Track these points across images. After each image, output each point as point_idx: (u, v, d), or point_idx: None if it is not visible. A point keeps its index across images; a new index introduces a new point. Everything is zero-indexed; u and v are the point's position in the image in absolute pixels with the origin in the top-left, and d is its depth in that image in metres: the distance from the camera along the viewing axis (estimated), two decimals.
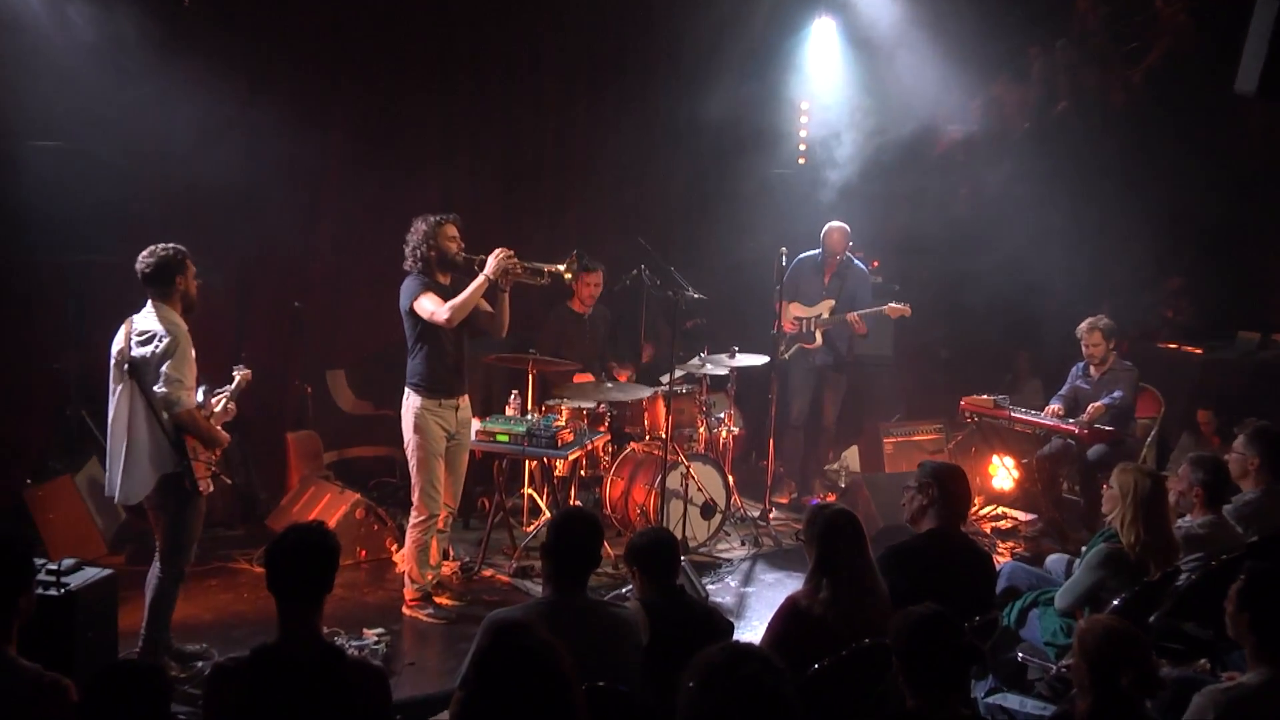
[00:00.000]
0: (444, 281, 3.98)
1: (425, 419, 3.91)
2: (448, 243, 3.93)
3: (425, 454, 3.92)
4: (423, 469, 3.93)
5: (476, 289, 3.84)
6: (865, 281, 5.82)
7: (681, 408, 5.11)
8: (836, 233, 5.64)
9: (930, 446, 5.79)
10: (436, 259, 3.92)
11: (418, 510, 3.99)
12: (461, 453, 4.11)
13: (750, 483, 5.96)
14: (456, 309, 3.81)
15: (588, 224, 6.52)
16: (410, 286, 3.90)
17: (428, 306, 3.82)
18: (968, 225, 6.48)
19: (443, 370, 3.94)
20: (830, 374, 5.82)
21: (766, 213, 6.48)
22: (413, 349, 3.95)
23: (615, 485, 4.99)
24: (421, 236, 3.91)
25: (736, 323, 6.55)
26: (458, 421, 4.03)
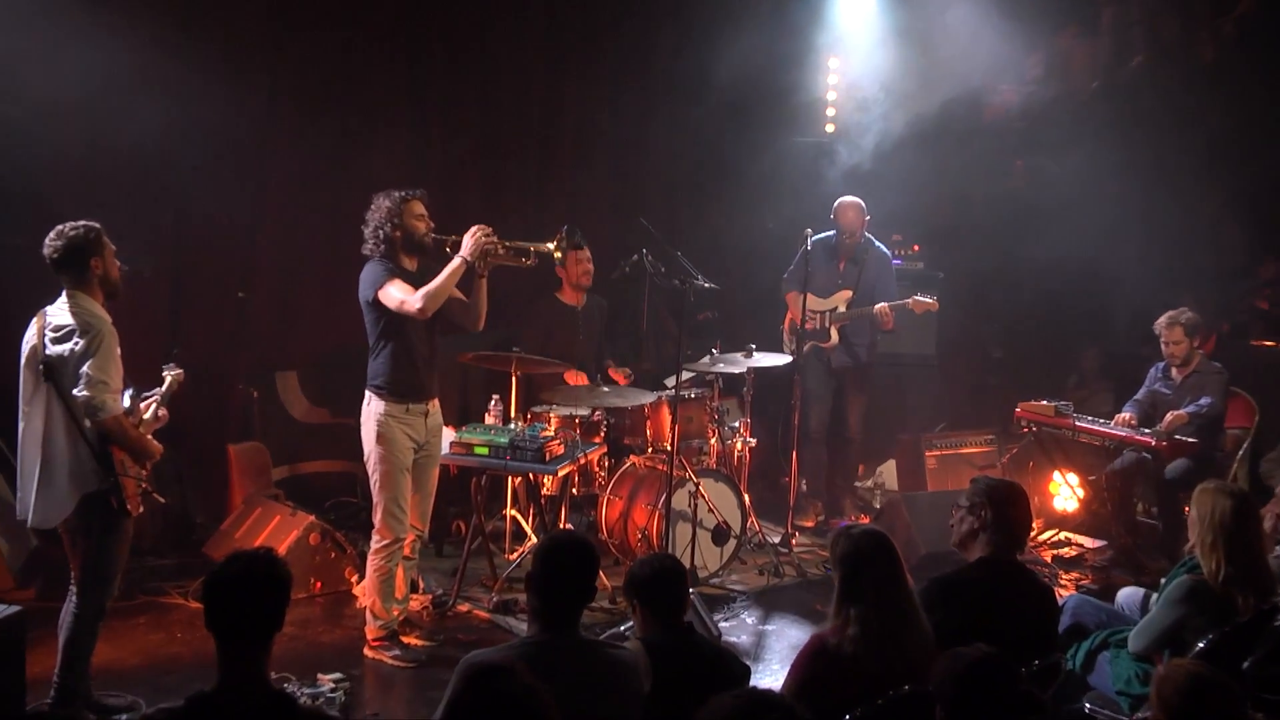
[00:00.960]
0: (410, 267, 3.96)
1: (389, 427, 3.90)
2: (414, 221, 3.92)
3: (389, 468, 3.91)
4: (386, 485, 3.92)
5: (453, 273, 3.83)
6: (887, 267, 5.79)
7: (690, 415, 5.11)
8: (850, 209, 5.60)
9: (981, 461, 5.80)
10: (401, 240, 3.91)
11: (380, 534, 3.98)
12: (431, 466, 4.10)
13: (770, 503, 5.96)
14: (431, 296, 3.79)
15: (579, 201, 6.54)
16: (372, 273, 3.88)
17: (396, 295, 3.80)
18: (1024, 203, 6.49)
19: (410, 370, 3.92)
20: (851, 378, 5.80)
21: (788, 188, 6.50)
22: (375, 346, 3.94)
23: (612, 505, 4.99)
24: (384, 215, 3.89)
25: (753, 316, 6.56)
26: (427, 429, 4.02)
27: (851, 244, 5.63)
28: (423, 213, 3.95)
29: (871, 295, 5.58)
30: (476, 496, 4.63)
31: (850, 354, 5.73)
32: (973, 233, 6.57)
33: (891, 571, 2.70)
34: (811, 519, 5.87)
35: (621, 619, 4.25)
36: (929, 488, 5.68)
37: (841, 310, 5.66)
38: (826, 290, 5.71)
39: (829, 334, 5.68)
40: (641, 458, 5.11)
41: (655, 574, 2.78)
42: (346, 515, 5.39)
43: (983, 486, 3.13)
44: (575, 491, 4.99)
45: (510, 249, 3.96)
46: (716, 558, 4.96)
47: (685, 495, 4.78)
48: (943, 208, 6.56)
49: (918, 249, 6.62)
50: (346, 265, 4.10)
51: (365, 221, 3.93)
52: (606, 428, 5.10)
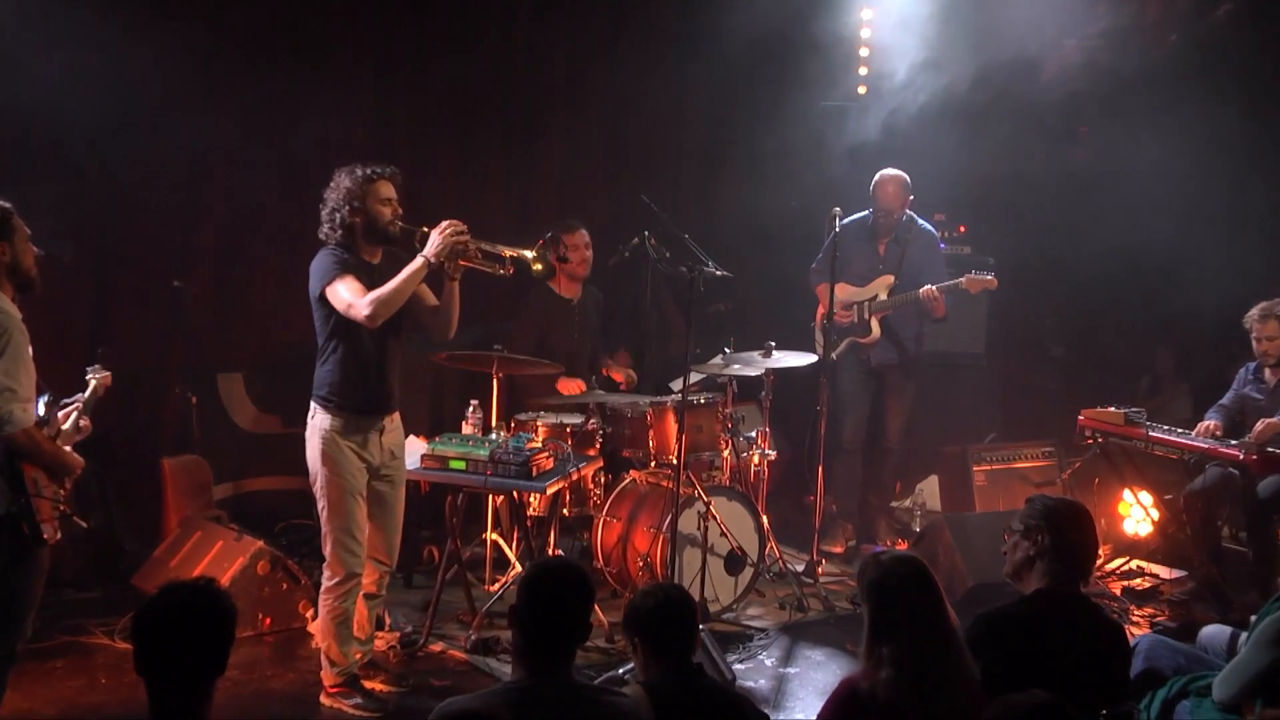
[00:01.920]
0: (371, 259, 3.94)
1: (336, 445, 3.87)
2: (379, 206, 3.89)
3: (337, 493, 3.88)
4: (334, 513, 3.90)
5: (412, 276, 3.81)
6: (934, 247, 5.81)
7: (699, 424, 5.10)
8: (891, 184, 5.62)
9: (1038, 477, 5.80)
10: (363, 227, 3.88)
11: (331, 570, 3.96)
12: (395, 492, 4.10)
13: (792, 526, 5.95)
14: (382, 303, 3.76)
15: (571, 174, 6.55)
16: (322, 264, 3.85)
17: (344, 295, 3.77)
18: (1088, 179, 6.49)
19: (362, 379, 3.90)
20: (893, 377, 5.82)
21: (813, 161, 6.50)
22: (324, 349, 3.92)
23: (610, 528, 4.99)
24: (343, 195, 3.85)
25: (773, 309, 6.58)
26: (383, 449, 4.01)
27: (891, 223, 5.65)
28: (390, 196, 3.91)
29: (917, 280, 5.59)
30: (451, 518, 4.63)
31: (894, 348, 5.74)
32: (1029, 212, 6.57)
33: (929, 604, 2.70)
34: (841, 544, 5.88)
35: (620, 660, 4.25)
36: (977, 508, 5.68)
37: (883, 298, 5.66)
38: (864, 277, 5.72)
39: (869, 327, 5.69)
40: (643, 473, 5.11)
41: (659, 607, 2.78)
42: (301, 540, 5.39)
43: (1040, 507, 3.13)
44: (566, 512, 4.99)
45: (483, 252, 3.95)
46: (730, 589, 4.95)
47: (694, 516, 4.78)
48: (994, 183, 6.56)
49: (964, 230, 6.64)
50: (302, 249, 4.09)
51: (322, 200, 3.91)
52: (602, 438, 5.11)
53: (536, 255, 4.00)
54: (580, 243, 5.43)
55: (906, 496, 6.38)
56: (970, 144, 6.33)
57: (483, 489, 4.47)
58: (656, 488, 5.00)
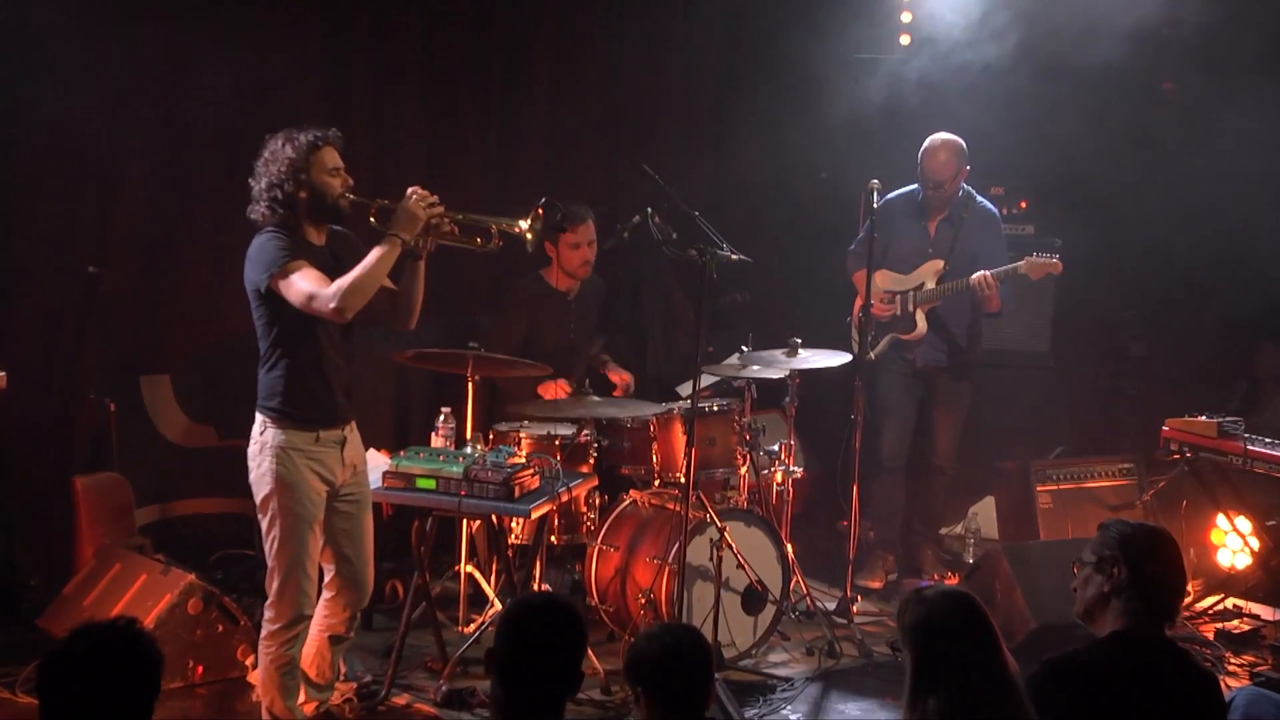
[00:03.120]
0: (317, 241, 3.95)
1: (292, 465, 3.86)
2: (326, 178, 3.88)
3: (291, 522, 3.87)
4: (286, 546, 3.88)
5: (384, 258, 3.80)
6: (995, 228, 5.81)
7: (712, 435, 5.11)
8: (944, 151, 5.63)
9: (1114, 499, 5.80)
10: (307, 204, 3.87)
11: (276, 611, 3.94)
12: (363, 515, 4.09)
13: (822, 556, 5.95)
14: (352, 292, 3.74)
15: (560, 138, 6.54)
16: (264, 251, 3.82)
17: (302, 287, 3.76)
18: (1174, 146, 6.46)
19: (320, 385, 3.89)
20: (943, 381, 5.83)
21: (846, 125, 6.47)
22: (269, 352, 3.91)
23: (606, 559, 4.99)
24: (284, 167, 3.83)
25: (800, 300, 6.58)
26: (344, 464, 4.01)
27: (943, 198, 5.65)
28: (338, 165, 3.91)
29: (972, 266, 5.58)
30: (418, 547, 4.63)
31: (944, 347, 5.75)
32: (1103, 186, 6.55)
33: (983, 649, 2.70)
34: (879, 578, 5.89)
35: (618, 716, 4.24)
36: (1041, 535, 5.68)
37: (930, 287, 5.67)
38: (910, 262, 5.72)
39: (914, 321, 5.69)
40: (645, 494, 5.11)
41: (667, 653, 2.78)
42: (240, 574, 5.39)
43: (1115, 535, 3.13)
44: (555, 540, 4.99)
45: (462, 224, 3.94)
46: (748, 631, 4.96)
47: (705, 545, 4.77)
48: (1062, 151, 6.53)
49: (1025, 206, 6.64)
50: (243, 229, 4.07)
51: (254, 174, 3.90)
52: (598, 452, 5.10)
53: (531, 223, 3.97)
54: (584, 239, 5.44)
55: (957, 522, 6.38)
56: (1034, 104, 6.32)
57: (456, 513, 4.46)
58: (661, 511, 4.99)
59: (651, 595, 4.76)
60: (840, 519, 5.94)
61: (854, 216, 5.83)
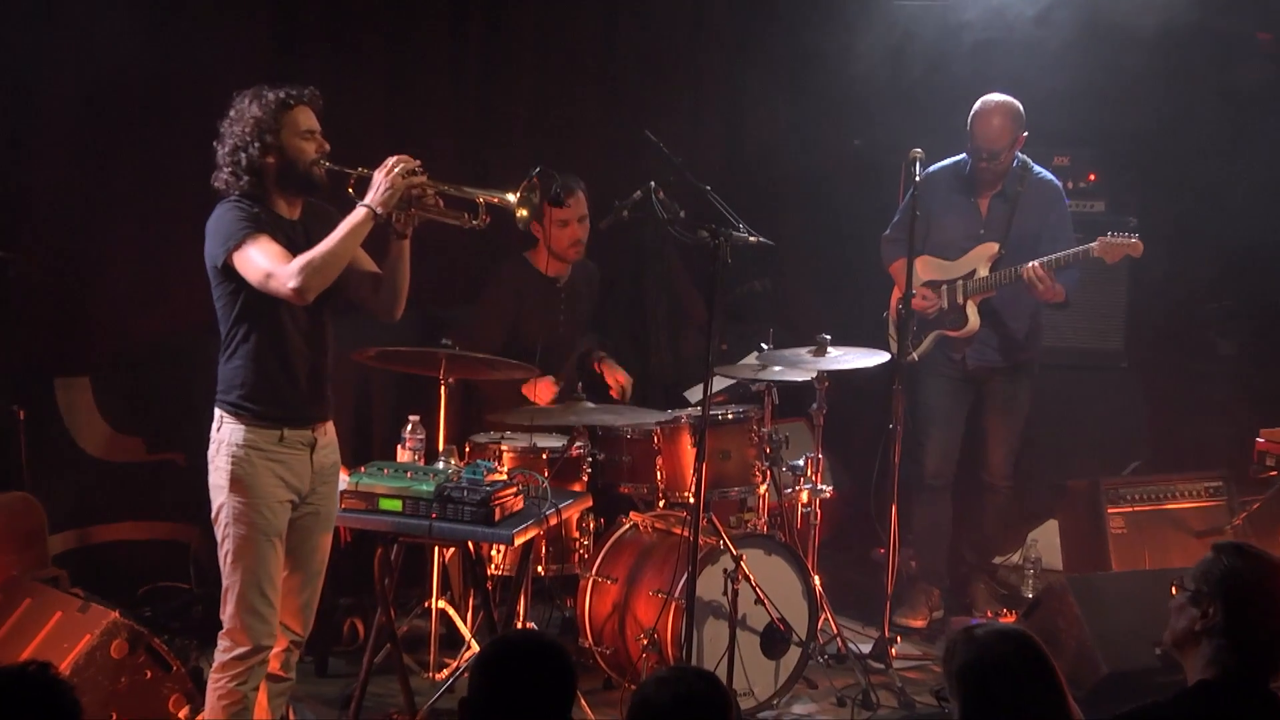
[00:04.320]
0: (289, 214, 3.99)
1: (251, 467, 3.90)
2: (298, 142, 3.92)
3: (248, 532, 3.90)
4: (243, 558, 3.90)
5: (351, 233, 3.84)
6: (1059, 204, 5.81)
7: (726, 448, 5.12)
8: (997, 114, 5.62)
9: (1200, 522, 5.78)
10: (278, 170, 3.91)
11: (232, 638, 3.96)
12: (321, 531, 4.12)
13: (856, 590, 5.93)
14: (314, 270, 3.77)
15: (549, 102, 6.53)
16: (224, 222, 3.86)
17: (259, 262, 3.79)
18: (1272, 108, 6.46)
19: (284, 376, 3.92)
20: (998, 385, 5.82)
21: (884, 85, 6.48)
22: (230, 338, 3.95)
23: (602, 593, 5.00)
24: (250, 129, 3.88)
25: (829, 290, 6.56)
26: (314, 470, 4.04)
27: (997, 170, 5.66)
28: (313, 127, 3.96)
29: (1034, 248, 5.58)
30: (382, 580, 4.62)
31: (999, 345, 5.74)
32: (1186, 155, 6.55)
33: (1044, 697, 2.70)
34: (923, 615, 5.89)
35: None
36: (1114, 566, 5.67)
37: (983, 275, 5.67)
38: (959, 246, 5.73)
39: (963, 315, 5.70)
40: (648, 516, 5.11)
41: (678, 703, 2.76)
42: (173, 610, 5.38)
43: (1220, 568, 3.03)
44: (542, 570, 5.00)
45: (448, 196, 3.97)
46: (769, 677, 4.97)
47: (718, 576, 4.78)
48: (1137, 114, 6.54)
49: (1094, 179, 6.63)
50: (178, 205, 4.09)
51: (219, 136, 3.94)
52: (592, 468, 5.10)
53: (522, 198, 3.98)
54: (574, 215, 5.45)
55: (1014, 550, 6.37)
56: (1104, 59, 6.31)
57: (426, 539, 4.46)
58: (666, 537, 4.99)
59: (655, 635, 4.74)
60: (876, 546, 5.94)
61: (892, 192, 5.82)
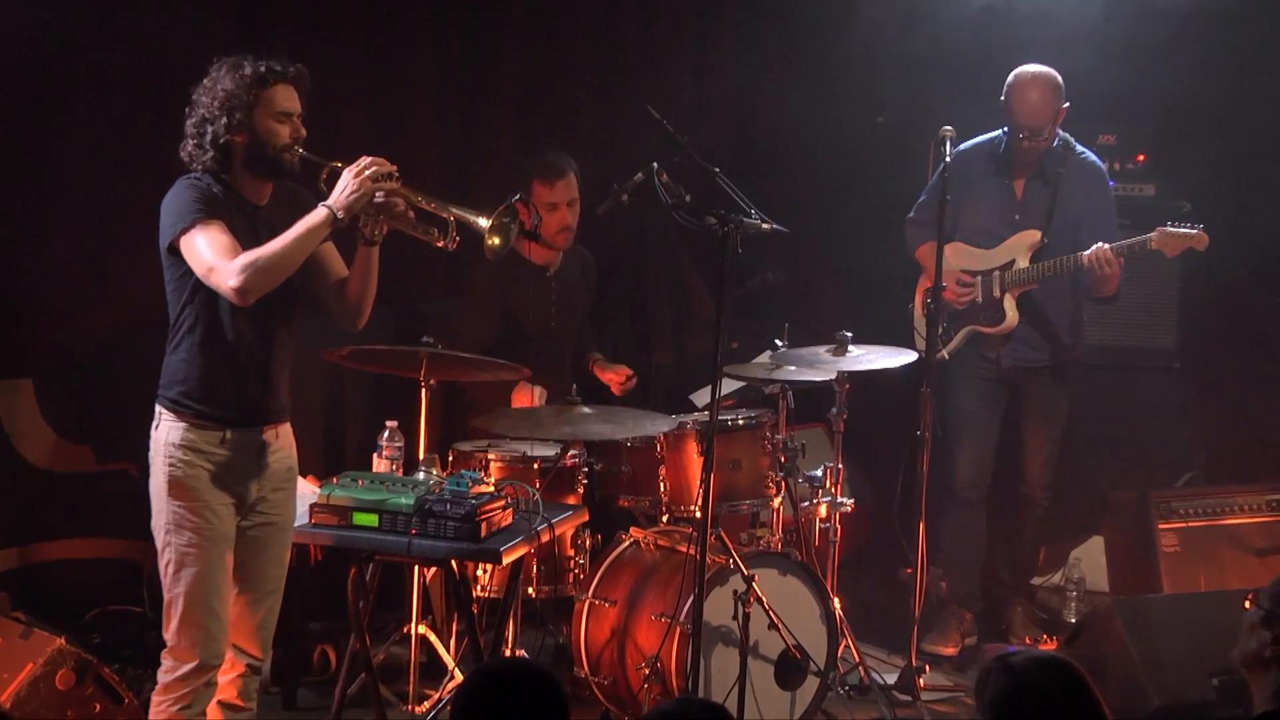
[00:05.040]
0: (256, 198, 4.02)
1: (190, 469, 3.91)
2: (273, 123, 3.94)
3: (191, 538, 3.92)
4: (185, 570, 3.91)
5: (306, 235, 3.85)
6: (1101, 186, 5.83)
7: (736, 458, 5.12)
8: (1035, 88, 5.63)
9: (1262, 539, 5.79)
10: (246, 150, 3.94)
11: (174, 657, 3.98)
12: (276, 544, 4.14)
13: (880, 614, 5.97)
14: (259, 270, 3.79)
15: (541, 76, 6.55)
16: (177, 201, 3.87)
17: (203, 253, 3.81)
18: None
19: (231, 370, 3.96)
20: (1036, 388, 5.84)
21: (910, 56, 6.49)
22: (177, 326, 3.98)
23: (600, 617, 5.02)
24: (221, 101, 3.89)
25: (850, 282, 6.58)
26: (264, 476, 4.06)
27: (1036, 149, 5.67)
28: (291, 109, 3.98)
29: (1075, 237, 5.60)
30: (356, 603, 4.60)
31: (1038, 343, 5.76)
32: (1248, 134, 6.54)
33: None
34: (954, 642, 5.89)
35: None
36: (1165, 587, 5.67)
37: (1023, 266, 5.68)
38: (993, 233, 5.74)
39: (1000, 310, 5.71)
40: (650, 533, 5.12)
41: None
42: (124, 636, 5.39)
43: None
44: (533, 592, 5.01)
45: (420, 207, 4.01)
46: (784, 710, 4.96)
47: (728, 599, 4.77)
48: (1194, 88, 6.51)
49: (1144, 160, 6.63)
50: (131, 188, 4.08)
51: (190, 105, 3.96)
52: (589, 479, 5.11)
53: (495, 225, 4.02)
54: (562, 198, 5.46)
55: (1055, 570, 6.38)
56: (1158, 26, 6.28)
57: (405, 558, 4.46)
58: (670, 555, 4.99)
59: (658, 664, 4.74)
60: (903, 565, 5.95)
61: (920, 174, 5.85)
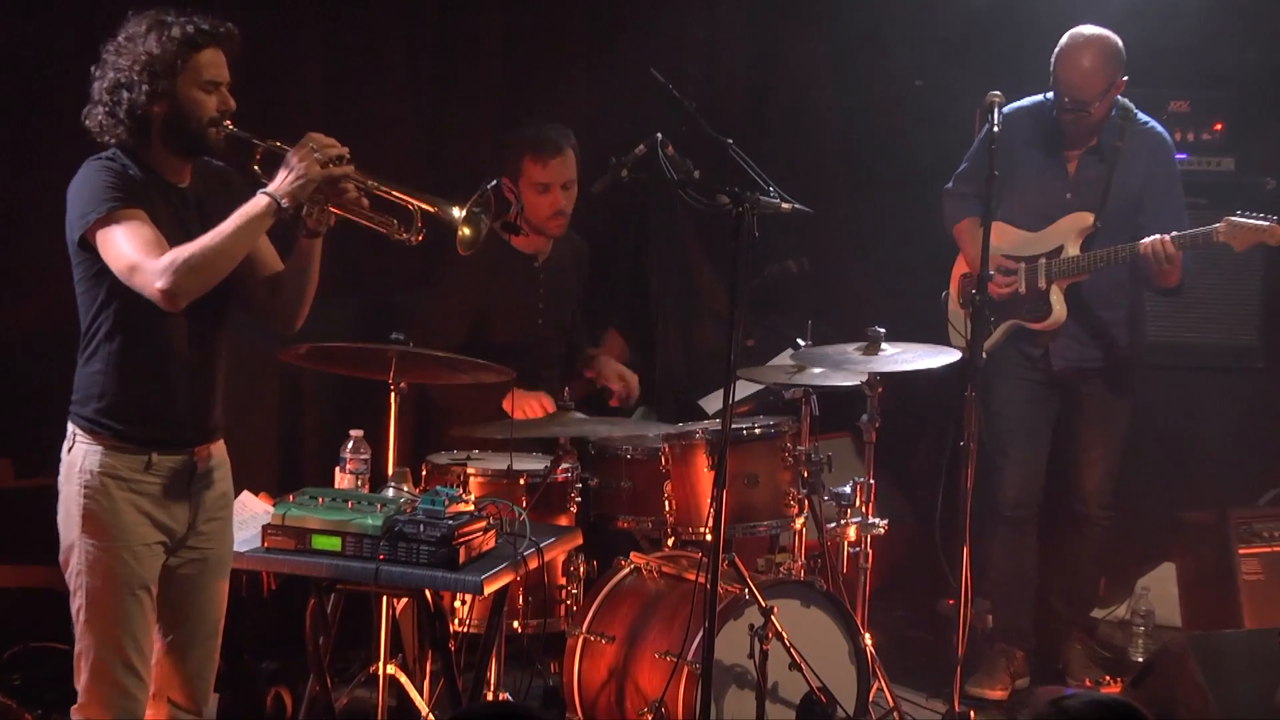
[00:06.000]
0: (177, 179, 4.01)
1: (108, 500, 3.90)
2: (198, 93, 3.92)
3: (105, 583, 3.92)
4: (98, 616, 3.91)
5: (248, 225, 3.83)
6: (1165, 160, 5.85)
7: (753, 472, 5.13)
8: (1088, 53, 5.65)
9: None
10: (165, 124, 3.91)
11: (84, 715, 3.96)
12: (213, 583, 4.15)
13: (917, 651, 6.03)
14: (190, 269, 3.77)
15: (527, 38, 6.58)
16: (87, 187, 3.85)
17: (124, 250, 3.79)
18: None
19: (154, 386, 3.95)
20: (1092, 391, 5.88)
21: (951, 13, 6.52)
22: (89, 334, 3.96)
23: (596, 655, 5.05)
24: (140, 65, 3.85)
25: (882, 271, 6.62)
26: (196, 506, 4.07)
27: (1089, 120, 5.68)
28: (220, 78, 3.95)
29: (1133, 220, 5.62)
30: (315, 639, 4.66)
31: (1092, 339, 5.78)
32: None
33: None
34: (1003, 683, 5.91)
35: None
36: (1246, 621, 5.71)
37: (1072, 254, 5.69)
38: (1042, 213, 5.77)
39: (1045, 302, 5.72)
40: (653, 558, 5.15)
41: None
42: (47, 677, 5.36)
43: None
44: (519, 626, 5.04)
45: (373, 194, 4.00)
46: None
47: (742, 634, 4.79)
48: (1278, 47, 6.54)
49: (1221, 129, 6.62)
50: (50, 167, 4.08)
51: (99, 64, 3.91)
52: (583, 496, 5.15)
53: (467, 212, 4.02)
54: (556, 179, 5.48)
55: (1119, 601, 6.40)
56: None
57: (371, 587, 4.47)
58: (677, 584, 5.02)
59: (663, 709, 4.75)
60: (944, 596, 5.96)
61: (961, 143, 5.84)
